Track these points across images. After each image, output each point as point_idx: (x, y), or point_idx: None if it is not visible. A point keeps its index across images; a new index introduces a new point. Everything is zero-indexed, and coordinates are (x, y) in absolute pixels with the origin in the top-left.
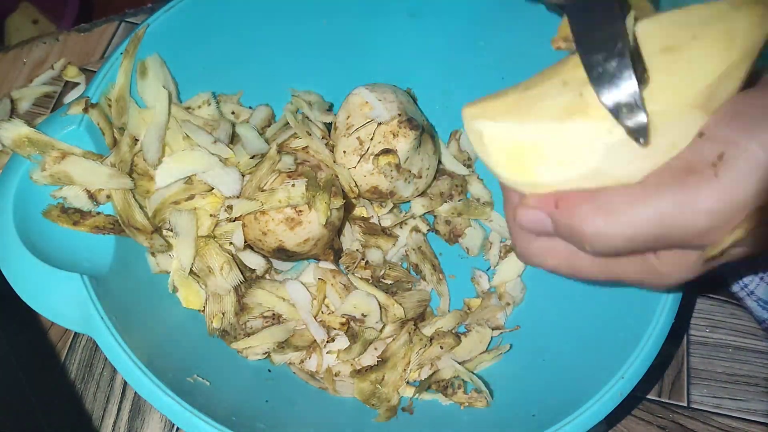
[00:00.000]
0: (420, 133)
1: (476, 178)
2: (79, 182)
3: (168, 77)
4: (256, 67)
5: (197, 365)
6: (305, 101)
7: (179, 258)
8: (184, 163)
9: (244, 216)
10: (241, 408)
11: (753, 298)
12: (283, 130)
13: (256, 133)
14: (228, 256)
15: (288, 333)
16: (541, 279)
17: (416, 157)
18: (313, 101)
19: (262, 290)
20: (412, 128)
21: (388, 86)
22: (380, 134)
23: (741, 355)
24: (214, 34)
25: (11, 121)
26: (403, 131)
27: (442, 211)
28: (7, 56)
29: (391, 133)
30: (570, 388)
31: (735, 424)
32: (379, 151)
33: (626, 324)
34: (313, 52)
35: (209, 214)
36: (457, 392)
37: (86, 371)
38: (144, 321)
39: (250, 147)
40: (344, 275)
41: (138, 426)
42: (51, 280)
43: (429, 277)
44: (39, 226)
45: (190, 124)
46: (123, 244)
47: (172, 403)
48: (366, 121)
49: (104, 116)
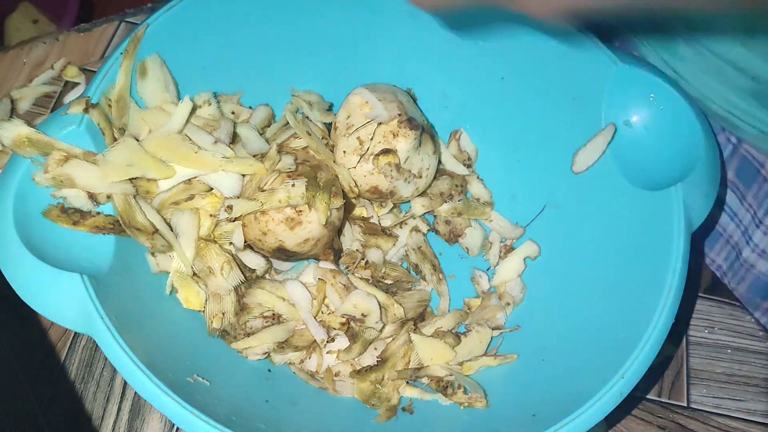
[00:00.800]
0: (420, 133)
1: (476, 178)
2: (81, 185)
3: (168, 77)
4: (256, 67)
5: (197, 365)
6: (305, 101)
7: (179, 258)
8: (189, 165)
9: (244, 216)
10: (240, 408)
11: (766, 257)
12: (283, 130)
13: (256, 133)
14: (228, 257)
15: (288, 333)
16: (542, 279)
17: (416, 157)
18: (313, 101)
19: (262, 290)
20: (412, 128)
21: (388, 86)
22: (380, 134)
23: (740, 356)
24: (214, 33)
25: (11, 120)
26: (403, 131)
27: (442, 211)
28: (7, 56)
29: (391, 133)
30: (570, 388)
31: (734, 425)
32: (379, 150)
33: (626, 324)
34: (313, 51)
35: (209, 214)
36: (457, 392)
37: (86, 371)
38: (144, 321)
39: (250, 147)
40: (344, 275)
41: (138, 426)
42: (51, 280)
43: (429, 277)
44: (39, 226)
45: (192, 125)
46: (123, 244)
47: (171, 403)
48: (366, 121)
49: (104, 116)
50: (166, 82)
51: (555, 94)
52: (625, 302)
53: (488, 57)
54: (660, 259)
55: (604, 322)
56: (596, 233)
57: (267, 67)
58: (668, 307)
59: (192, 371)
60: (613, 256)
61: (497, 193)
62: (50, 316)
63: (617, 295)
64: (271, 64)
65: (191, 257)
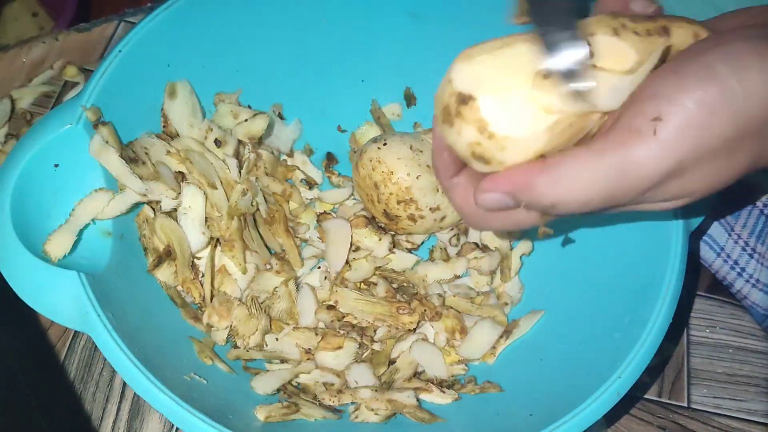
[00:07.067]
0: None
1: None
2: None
3: (196, 103)
4: (254, 66)
5: (194, 363)
6: (230, 113)
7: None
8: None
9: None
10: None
11: (759, 287)
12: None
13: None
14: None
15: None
16: (540, 279)
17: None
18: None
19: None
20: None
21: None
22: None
23: (741, 356)
24: (213, 33)
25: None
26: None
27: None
28: (7, 56)
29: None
30: (567, 387)
31: (735, 425)
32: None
33: (624, 324)
34: (313, 51)
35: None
36: (467, 385)
37: (85, 371)
38: (141, 318)
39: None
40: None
41: (137, 426)
42: (48, 278)
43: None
44: (36, 224)
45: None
46: (120, 242)
47: (168, 401)
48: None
49: (113, 133)
50: (194, 106)
51: None
52: (623, 302)
53: None
54: (658, 259)
55: (601, 322)
56: (594, 233)
57: (266, 67)
58: (666, 306)
59: (189, 369)
60: (611, 256)
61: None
62: (48, 314)
63: (615, 294)
64: (270, 63)
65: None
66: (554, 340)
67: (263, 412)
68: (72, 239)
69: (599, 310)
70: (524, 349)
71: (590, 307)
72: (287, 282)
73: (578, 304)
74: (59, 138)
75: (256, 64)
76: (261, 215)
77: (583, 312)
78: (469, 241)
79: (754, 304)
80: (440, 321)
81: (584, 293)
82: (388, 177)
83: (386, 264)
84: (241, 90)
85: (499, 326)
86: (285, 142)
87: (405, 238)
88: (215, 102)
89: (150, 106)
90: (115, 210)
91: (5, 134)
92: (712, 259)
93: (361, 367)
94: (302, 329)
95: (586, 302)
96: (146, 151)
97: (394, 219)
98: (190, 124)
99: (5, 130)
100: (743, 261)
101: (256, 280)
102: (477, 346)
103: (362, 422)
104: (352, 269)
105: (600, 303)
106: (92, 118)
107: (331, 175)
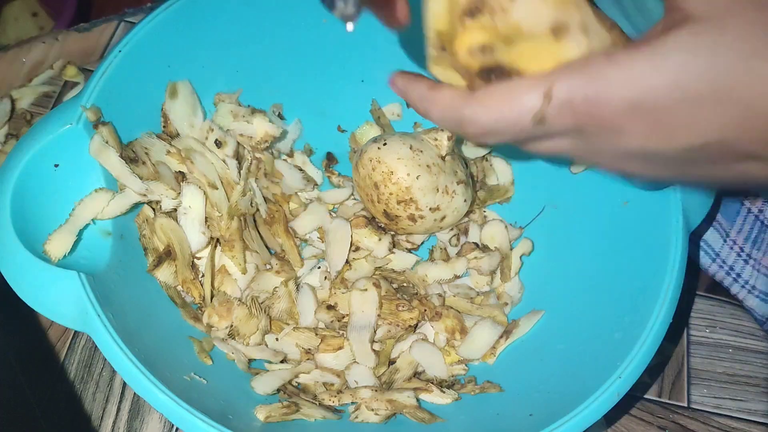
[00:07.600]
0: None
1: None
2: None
3: (197, 103)
4: (254, 66)
5: (194, 363)
6: (230, 113)
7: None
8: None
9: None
10: (237, 406)
11: (755, 293)
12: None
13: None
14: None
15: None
16: (540, 279)
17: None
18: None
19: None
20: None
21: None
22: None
23: (741, 356)
24: (213, 33)
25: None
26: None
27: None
28: (7, 56)
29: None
30: (567, 388)
31: (735, 425)
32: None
33: (623, 324)
34: (313, 51)
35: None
36: (467, 385)
37: (85, 371)
38: (141, 318)
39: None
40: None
41: (137, 426)
42: (48, 278)
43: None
44: (36, 224)
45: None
46: (120, 242)
47: (168, 400)
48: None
49: (113, 133)
50: (194, 106)
51: None
52: (622, 302)
53: None
54: (658, 259)
55: (601, 322)
56: (595, 233)
57: (266, 66)
58: (666, 306)
59: (189, 369)
60: (611, 256)
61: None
62: (47, 313)
63: (615, 295)
64: (270, 62)
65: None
66: (554, 340)
67: (263, 412)
68: (72, 239)
69: (599, 310)
70: (524, 349)
71: (590, 307)
72: (287, 282)
73: (578, 304)
74: (59, 138)
75: (256, 64)
76: (261, 216)
77: (583, 312)
78: (469, 241)
79: (750, 309)
80: (440, 321)
81: (584, 293)
82: (388, 177)
83: (386, 264)
84: (241, 90)
85: (499, 326)
86: (285, 142)
87: (405, 238)
88: (215, 102)
89: (150, 106)
90: (115, 210)
91: (5, 134)
92: (707, 265)
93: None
94: (302, 329)
95: (586, 302)
96: (146, 151)
97: (394, 219)
98: (190, 123)
99: (5, 130)
100: (738, 267)
101: (256, 280)
102: (477, 346)
103: (362, 422)
104: (352, 269)
105: (600, 303)
106: (92, 118)
107: (331, 175)
